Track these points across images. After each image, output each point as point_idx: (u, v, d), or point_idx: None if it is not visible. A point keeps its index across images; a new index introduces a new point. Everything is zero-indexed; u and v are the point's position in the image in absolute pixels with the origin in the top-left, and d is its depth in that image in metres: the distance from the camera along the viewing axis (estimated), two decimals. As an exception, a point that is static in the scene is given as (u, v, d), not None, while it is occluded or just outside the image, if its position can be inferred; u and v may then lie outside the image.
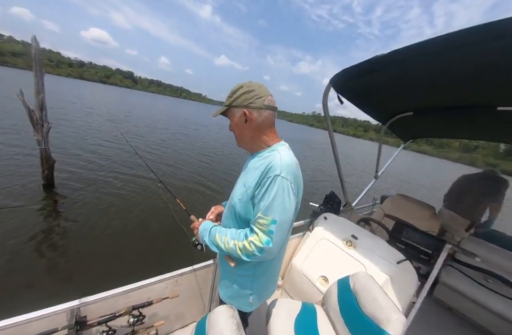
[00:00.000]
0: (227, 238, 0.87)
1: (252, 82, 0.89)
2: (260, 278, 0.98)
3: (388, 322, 1.01)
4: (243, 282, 0.97)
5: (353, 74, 1.50)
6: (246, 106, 0.87)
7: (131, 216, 4.09)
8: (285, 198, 0.79)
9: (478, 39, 0.87)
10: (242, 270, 0.96)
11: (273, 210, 0.78)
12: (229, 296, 1.04)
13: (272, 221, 0.78)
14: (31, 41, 3.82)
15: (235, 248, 0.83)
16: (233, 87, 0.90)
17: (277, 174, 0.78)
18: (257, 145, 0.95)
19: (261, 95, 0.86)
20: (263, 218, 0.78)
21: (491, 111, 1.65)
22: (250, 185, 0.85)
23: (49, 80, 36.09)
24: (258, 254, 0.79)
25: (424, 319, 2.04)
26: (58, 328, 0.99)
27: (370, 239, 1.70)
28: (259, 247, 0.78)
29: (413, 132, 2.98)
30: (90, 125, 11.55)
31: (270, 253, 0.81)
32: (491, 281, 1.93)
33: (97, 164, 6.23)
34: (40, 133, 4.12)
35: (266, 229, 0.78)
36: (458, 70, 1.18)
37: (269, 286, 1.07)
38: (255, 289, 0.99)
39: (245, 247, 0.80)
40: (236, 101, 0.88)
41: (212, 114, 1.01)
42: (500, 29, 0.78)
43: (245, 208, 0.88)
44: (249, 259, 0.83)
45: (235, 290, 1.00)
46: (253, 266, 0.94)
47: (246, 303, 1.00)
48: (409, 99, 1.91)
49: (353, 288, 1.26)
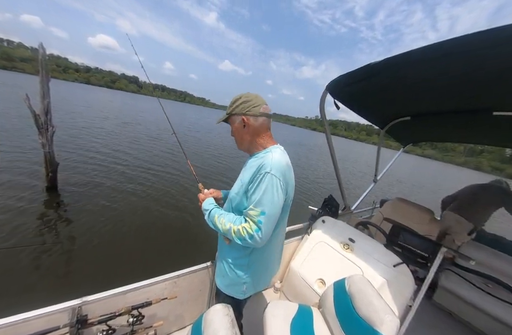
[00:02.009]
0: (225, 220, 0.99)
1: (249, 93, 1.05)
2: (253, 267, 1.08)
3: (382, 324, 1.03)
4: (238, 271, 1.07)
5: (349, 80, 1.53)
6: (244, 114, 1.01)
7: (136, 218, 4.15)
8: (274, 193, 0.90)
9: (473, 46, 0.89)
10: (238, 260, 1.07)
11: (262, 203, 0.89)
12: (225, 285, 1.13)
13: (261, 213, 0.88)
14: (38, 48, 3.95)
15: (230, 230, 0.94)
16: (233, 97, 1.05)
17: (267, 172, 0.90)
18: (255, 147, 1.08)
19: (256, 104, 1.01)
20: (253, 210, 0.90)
21: (487, 116, 1.67)
22: (245, 181, 0.98)
23: (59, 85, 36.65)
24: (248, 240, 0.90)
25: (424, 323, 2.03)
26: (60, 326, 1.01)
27: (367, 242, 1.71)
28: (250, 233, 0.89)
29: (411, 136, 3.00)
30: (106, 128, 11.91)
31: (259, 240, 0.90)
32: (491, 286, 1.92)
33: (101, 164, 6.34)
34: (44, 136, 4.23)
35: (256, 219, 0.89)
36: (453, 76, 1.20)
37: (261, 277, 1.15)
38: (248, 278, 1.08)
39: (239, 231, 0.92)
40: (235, 110, 1.03)
41: (215, 122, 1.15)
42: (495, 37, 0.80)
43: (240, 201, 1.01)
44: (241, 242, 0.93)
45: (230, 279, 1.10)
46: (247, 256, 1.05)
47: (240, 291, 1.10)
48: (406, 104, 1.94)
49: (349, 290, 1.27)
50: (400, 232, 1.75)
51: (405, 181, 16.73)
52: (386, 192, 10.53)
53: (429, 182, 20.42)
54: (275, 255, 1.19)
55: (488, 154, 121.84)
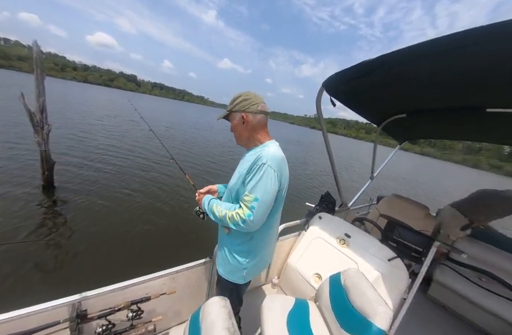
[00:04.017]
0: (221, 208, 1.06)
1: (249, 92, 1.12)
2: (253, 253, 1.15)
3: (375, 315, 1.05)
4: (239, 257, 1.14)
5: (345, 78, 1.54)
6: (244, 111, 1.08)
7: (134, 216, 4.17)
8: (267, 181, 0.96)
9: (467, 43, 0.89)
10: (238, 247, 1.14)
11: (256, 190, 0.96)
12: (227, 272, 1.19)
13: (255, 199, 0.95)
14: (32, 45, 3.91)
15: (226, 216, 1.01)
16: (234, 96, 1.12)
17: (264, 163, 0.97)
18: (252, 142, 1.15)
19: (255, 102, 1.08)
20: (248, 195, 0.97)
21: (481, 113, 1.68)
22: (243, 172, 1.04)
23: (58, 84, 36.24)
24: (241, 224, 0.97)
25: (418, 316, 2.07)
26: (60, 320, 1.03)
27: (363, 237, 1.74)
28: (242, 218, 0.96)
29: (407, 133, 3.02)
30: (114, 127, 12.01)
31: (251, 225, 0.97)
32: (484, 280, 1.96)
33: (98, 162, 6.34)
34: (40, 135, 4.20)
35: (249, 204, 0.96)
36: (447, 73, 1.21)
37: (260, 261, 1.21)
38: (248, 263, 1.15)
39: (232, 216, 0.99)
40: (235, 107, 1.09)
41: (216, 118, 1.22)
42: (489, 33, 0.80)
43: (238, 191, 1.08)
44: (235, 227, 1.00)
45: (232, 266, 1.16)
46: (247, 242, 1.12)
47: (241, 276, 1.17)
48: (401, 101, 1.96)
49: (344, 283, 1.30)
50: (395, 228, 1.78)
51: (402, 179, 16.79)
52: (384, 189, 10.58)
53: (428, 179, 20.50)
54: (270, 244, 1.26)
55: (487, 152, 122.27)
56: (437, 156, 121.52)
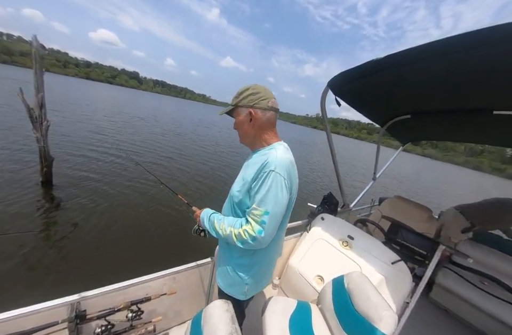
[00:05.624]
0: (225, 225, 0.95)
1: (257, 85, 0.97)
2: (255, 268, 1.03)
3: (380, 320, 1.03)
4: (239, 271, 1.03)
5: (351, 77, 1.52)
6: (252, 107, 0.94)
7: (133, 214, 4.16)
8: (278, 191, 0.85)
9: (474, 45, 0.88)
10: (239, 260, 1.02)
11: (266, 202, 0.85)
12: (226, 285, 1.09)
13: (265, 212, 0.84)
14: (32, 40, 3.88)
15: (231, 234, 0.90)
16: (240, 88, 0.98)
17: (272, 170, 0.85)
18: (258, 143, 1.02)
19: (265, 97, 0.94)
20: (257, 209, 0.85)
21: (487, 115, 1.66)
22: (248, 178, 0.92)
23: (63, 80, 36.05)
24: (251, 242, 0.86)
25: (420, 320, 2.05)
26: (58, 321, 1.01)
27: (366, 239, 1.71)
28: (252, 235, 0.85)
29: (411, 134, 2.99)
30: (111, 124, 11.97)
31: (262, 241, 0.87)
32: (487, 284, 1.94)
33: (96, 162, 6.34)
34: (39, 131, 4.17)
35: (259, 219, 0.85)
36: (454, 74, 1.19)
37: (263, 278, 1.12)
38: (250, 279, 1.04)
39: (240, 234, 0.88)
40: (242, 101, 0.96)
41: (218, 113, 1.09)
42: (494, 35, 0.79)
43: (242, 199, 0.95)
44: (243, 246, 0.89)
45: (231, 279, 1.05)
46: (249, 256, 1.01)
47: (241, 291, 1.06)
48: (406, 102, 1.93)
49: (347, 287, 1.28)
50: (399, 230, 1.75)
51: (406, 180, 16.74)
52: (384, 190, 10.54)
53: (429, 180, 20.43)
54: (276, 255, 1.16)
55: (489, 154, 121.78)
56: (438, 157, 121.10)
